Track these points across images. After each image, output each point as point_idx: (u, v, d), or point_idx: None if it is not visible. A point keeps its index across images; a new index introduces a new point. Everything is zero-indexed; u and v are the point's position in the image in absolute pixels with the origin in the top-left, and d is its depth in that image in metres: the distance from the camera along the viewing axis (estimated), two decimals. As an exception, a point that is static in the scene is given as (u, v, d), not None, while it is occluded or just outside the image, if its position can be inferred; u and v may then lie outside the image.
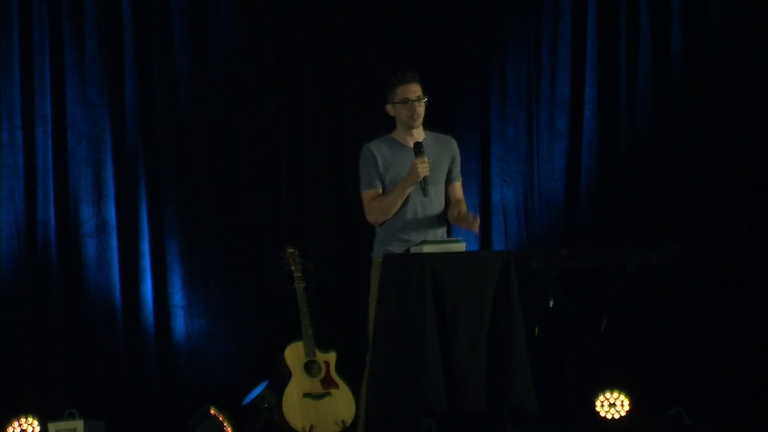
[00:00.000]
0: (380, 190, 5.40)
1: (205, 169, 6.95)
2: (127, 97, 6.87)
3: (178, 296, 6.89)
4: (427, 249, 5.19)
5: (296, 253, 6.51)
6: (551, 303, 6.48)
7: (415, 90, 5.40)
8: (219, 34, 6.95)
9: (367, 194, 5.42)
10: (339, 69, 7.06)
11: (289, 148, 7.00)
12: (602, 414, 6.65)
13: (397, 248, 5.34)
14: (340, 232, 6.97)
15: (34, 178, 6.79)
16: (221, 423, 6.38)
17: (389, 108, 5.47)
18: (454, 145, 5.57)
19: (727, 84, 7.03)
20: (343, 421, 6.31)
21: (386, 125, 6.97)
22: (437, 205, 5.45)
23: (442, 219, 5.47)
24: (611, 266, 6.52)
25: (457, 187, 5.59)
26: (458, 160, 5.58)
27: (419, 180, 5.30)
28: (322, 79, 7.02)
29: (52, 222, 6.77)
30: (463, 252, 5.31)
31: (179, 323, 6.89)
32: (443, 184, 5.49)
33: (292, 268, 6.47)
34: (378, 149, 5.43)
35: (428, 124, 5.68)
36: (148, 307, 6.85)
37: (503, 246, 7.02)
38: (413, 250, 5.27)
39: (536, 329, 6.40)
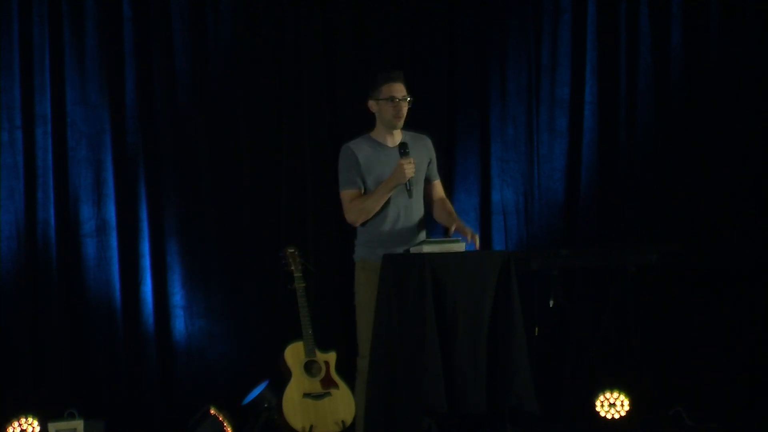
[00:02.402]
0: (361, 190, 5.38)
1: (205, 169, 6.95)
2: (127, 97, 6.87)
3: (178, 296, 6.89)
4: (427, 249, 5.19)
5: (296, 253, 6.51)
6: (551, 303, 6.48)
7: (400, 89, 5.39)
8: (219, 34, 6.95)
9: (347, 194, 5.39)
10: (339, 69, 7.05)
11: (289, 149, 7.00)
12: (602, 414, 6.65)
13: (379, 250, 5.33)
14: (340, 232, 6.96)
15: (34, 178, 6.78)
16: (221, 423, 6.38)
17: (372, 104, 5.44)
18: (430, 144, 5.56)
19: (727, 84, 7.03)
20: (343, 421, 6.31)
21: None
22: (418, 207, 5.44)
23: (423, 221, 5.46)
24: (611, 266, 6.52)
25: (438, 186, 5.58)
26: (435, 159, 5.56)
27: (405, 181, 5.29)
28: (322, 78, 7.02)
29: (52, 222, 6.77)
30: (463, 252, 5.31)
31: (179, 323, 6.89)
32: (423, 184, 5.49)
33: (292, 268, 6.47)
34: (359, 149, 5.40)
35: (429, 124, 5.67)
36: (148, 307, 6.85)
37: (503, 246, 7.02)
38: (413, 250, 5.27)
39: (536, 329, 6.40)
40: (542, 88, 7.11)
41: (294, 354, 6.35)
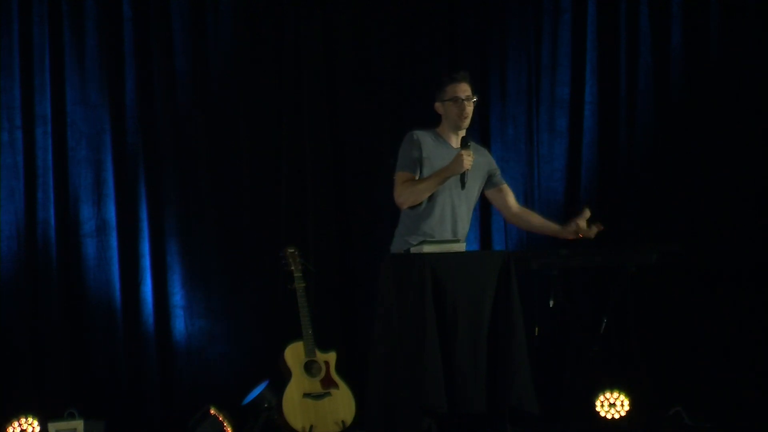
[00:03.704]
0: (416, 176, 5.40)
1: (205, 169, 6.95)
2: (127, 97, 6.87)
3: (178, 296, 6.89)
4: (427, 249, 5.19)
5: (296, 253, 6.52)
6: (551, 303, 6.47)
7: (465, 89, 5.45)
8: (219, 34, 6.95)
9: (401, 175, 5.43)
10: (339, 69, 7.05)
11: (289, 148, 7.00)
12: (602, 414, 6.65)
13: (417, 242, 5.34)
14: (340, 232, 6.97)
15: (34, 178, 6.78)
16: (221, 423, 6.38)
17: (438, 106, 5.50)
18: (489, 154, 5.69)
19: (727, 84, 7.03)
20: (343, 421, 6.31)
21: (386, 125, 7.00)
22: (467, 211, 5.47)
23: (467, 229, 5.48)
24: (611, 266, 6.52)
25: (508, 190, 5.68)
26: (496, 168, 5.67)
27: (461, 171, 5.31)
28: (322, 79, 7.02)
29: (52, 222, 6.77)
30: (463, 252, 5.32)
31: (179, 323, 6.89)
32: (475, 194, 5.51)
33: (292, 268, 6.47)
34: (424, 138, 5.46)
35: (429, 124, 5.67)
36: (148, 307, 6.85)
37: (503, 246, 7.02)
38: (413, 250, 5.28)
39: (536, 329, 6.40)
40: (542, 88, 7.11)
41: (294, 354, 6.35)
